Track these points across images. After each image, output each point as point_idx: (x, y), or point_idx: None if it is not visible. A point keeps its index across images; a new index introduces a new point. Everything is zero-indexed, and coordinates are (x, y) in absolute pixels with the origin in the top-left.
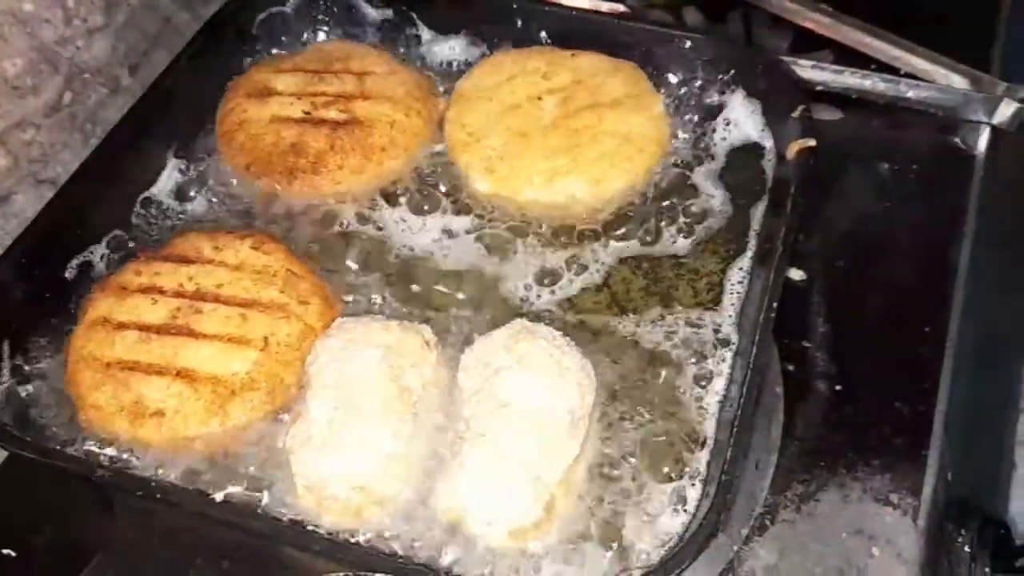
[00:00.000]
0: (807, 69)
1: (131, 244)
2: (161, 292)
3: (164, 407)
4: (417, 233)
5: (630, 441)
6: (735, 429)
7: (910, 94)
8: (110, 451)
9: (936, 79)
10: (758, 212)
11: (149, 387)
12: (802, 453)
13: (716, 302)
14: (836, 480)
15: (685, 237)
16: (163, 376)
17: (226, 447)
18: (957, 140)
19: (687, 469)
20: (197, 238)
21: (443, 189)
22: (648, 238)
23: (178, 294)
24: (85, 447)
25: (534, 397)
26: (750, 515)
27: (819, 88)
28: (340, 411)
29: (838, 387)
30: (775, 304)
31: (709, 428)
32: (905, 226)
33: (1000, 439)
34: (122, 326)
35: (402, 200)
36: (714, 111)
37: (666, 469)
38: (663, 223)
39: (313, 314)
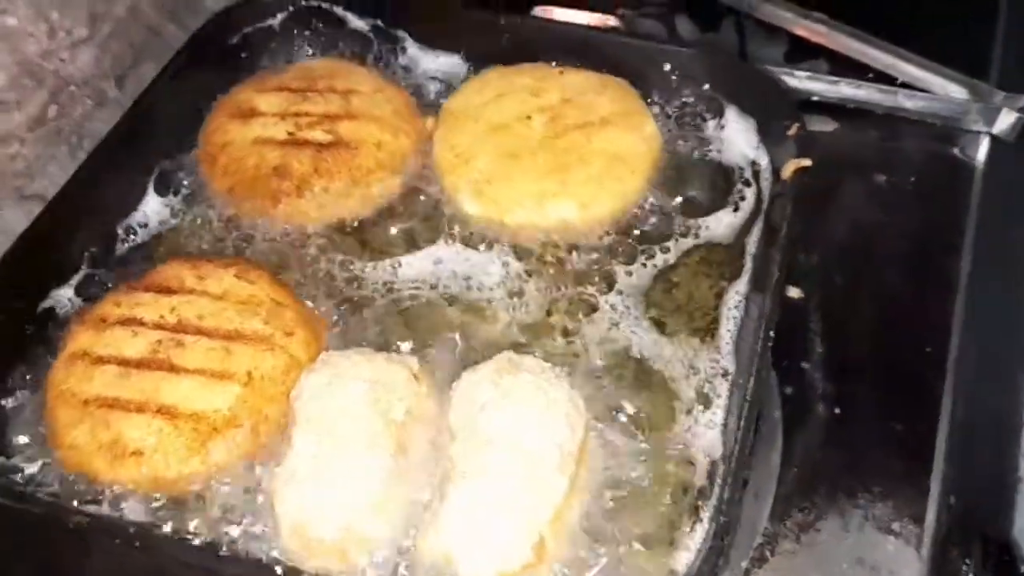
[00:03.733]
0: (802, 79)
1: (112, 272)
2: (142, 324)
3: (143, 446)
4: (405, 259)
5: (626, 476)
6: (732, 467)
7: (907, 104)
8: (88, 491)
9: (934, 89)
10: (753, 235)
11: (128, 425)
12: (801, 479)
13: (713, 328)
14: (836, 508)
15: (679, 261)
16: (143, 413)
17: (208, 486)
18: (956, 151)
19: (686, 505)
20: (179, 267)
21: (431, 212)
22: (641, 262)
23: (159, 326)
24: (62, 487)
25: (520, 433)
26: (750, 546)
27: (814, 98)
28: (325, 448)
29: (837, 410)
30: (771, 333)
31: (707, 461)
32: (903, 239)
33: (1003, 455)
34: (101, 360)
35: (389, 224)
36: (707, 128)
37: (664, 506)
38: (655, 246)
39: (298, 345)
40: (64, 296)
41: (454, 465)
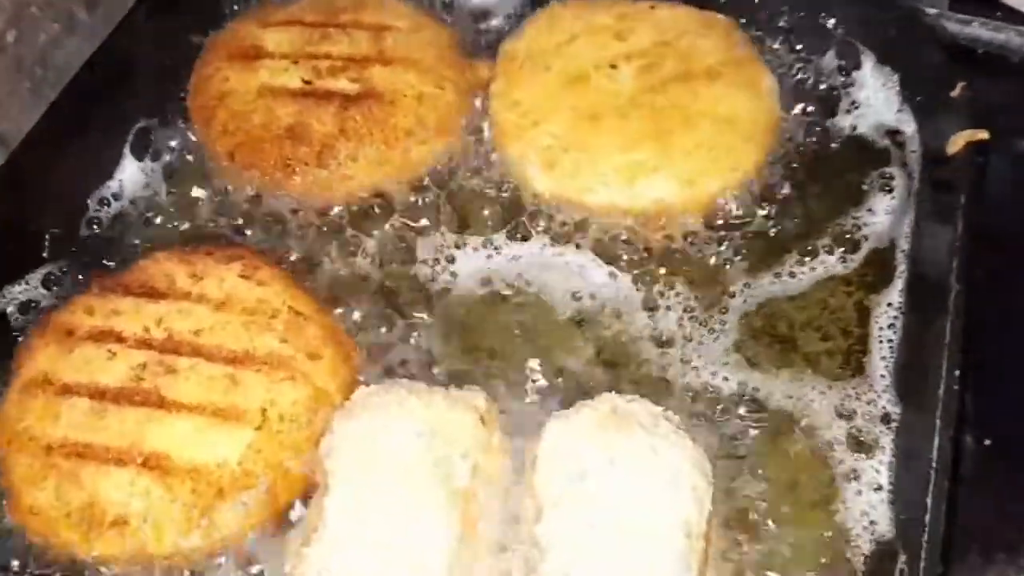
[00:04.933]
0: None
1: (80, 262)
2: (120, 340)
3: (127, 512)
4: (458, 252)
5: (763, 561)
6: (923, 564)
7: None
8: (58, 566)
9: None
10: (904, 227)
11: (106, 483)
12: (950, 532)
13: (859, 354)
14: (995, 568)
15: (810, 261)
16: (124, 467)
17: (211, 568)
18: None
19: None
20: (167, 261)
21: (489, 189)
22: (759, 262)
23: (143, 343)
24: (18, 565)
25: (633, 511)
26: None
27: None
28: (367, 524)
29: (987, 441)
30: (957, 372)
31: (871, 541)
32: None
33: None
34: (68, 390)
35: (436, 204)
36: (836, 85)
37: None
38: (777, 240)
39: (326, 372)
40: (18, 294)
41: (543, 551)
